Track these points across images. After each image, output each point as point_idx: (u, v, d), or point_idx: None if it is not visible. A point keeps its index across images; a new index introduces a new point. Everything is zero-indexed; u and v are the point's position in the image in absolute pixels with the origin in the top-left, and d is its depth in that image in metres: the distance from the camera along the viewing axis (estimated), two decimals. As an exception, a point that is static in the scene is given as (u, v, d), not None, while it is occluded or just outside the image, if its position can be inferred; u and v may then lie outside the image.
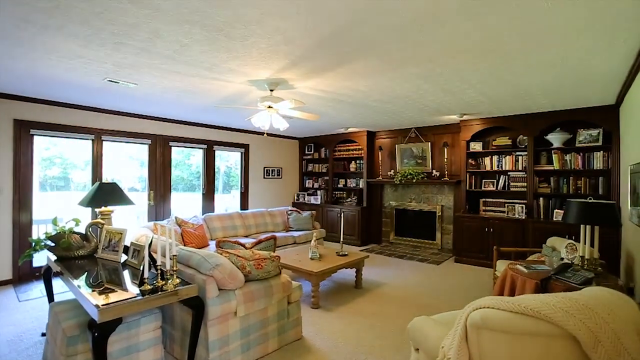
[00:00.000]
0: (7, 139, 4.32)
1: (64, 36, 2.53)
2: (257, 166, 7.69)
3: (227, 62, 3.05)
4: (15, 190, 4.37)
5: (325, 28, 2.36)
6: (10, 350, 2.69)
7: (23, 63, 3.16)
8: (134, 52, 2.85)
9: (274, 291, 2.55)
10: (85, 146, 5.10)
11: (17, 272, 4.39)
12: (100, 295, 1.97)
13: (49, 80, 3.70)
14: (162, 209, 5.87)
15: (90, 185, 5.12)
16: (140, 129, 5.60)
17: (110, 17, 2.22)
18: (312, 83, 3.74)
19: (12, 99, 4.33)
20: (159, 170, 5.85)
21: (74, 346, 2.03)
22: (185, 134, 6.25)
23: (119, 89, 3.99)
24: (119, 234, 2.68)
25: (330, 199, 7.94)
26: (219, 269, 2.20)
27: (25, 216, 4.44)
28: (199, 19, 2.23)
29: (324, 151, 8.28)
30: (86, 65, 3.19)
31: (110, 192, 3.06)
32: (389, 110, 5.15)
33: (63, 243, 2.64)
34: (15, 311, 3.48)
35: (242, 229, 5.46)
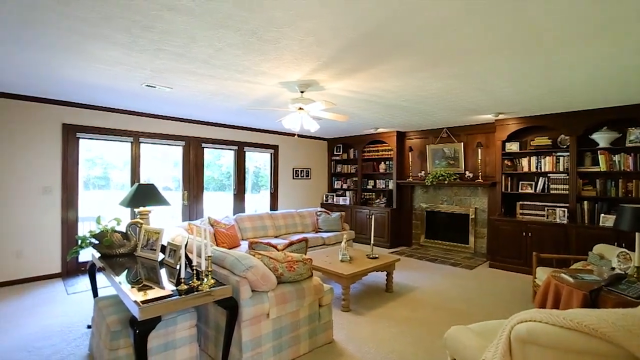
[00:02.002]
0: (57, 142, 4.62)
1: (107, 44, 2.66)
2: (287, 167, 7.76)
3: (259, 64, 3.09)
4: (64, 189, 4.67)
5: (358, 29, 2.33)
6: (60, 340, 2.86)
7: (71, 71, 3.35)
8: (171, 57, 2.94)
9: (306, 294, 2.55)
10: (124, 148, 5.36)
11: (66, 267, 4.69)
12: (139, 292, 2.06)
13: (94, 87, 3.91)
14: (195, 208, 6.05)
15: (128, 184, 5.37)
16: (175, 131, 5.80)
17: (150, 24, 2.30)
18: (342, 84, 3.72)
19: (61, 104, 4.62)
20: (192, 171, 6.04)
21: (117, 340, 2.12)
22: (217, 136, 6.41)
23: (155, 93, 4.15)
24: (156, 234, 2.78)
25: (359, 200, 7.88)
26: (252, 271, 2.23)
27: (72, 214, 4.73)
28: (232, 23, 2.27)
29: (352, 152, 8.22)
30: (127, 71, 3.33)
31: (148, 193, 3.19)
32: (420, 110, 5.03)
33: (106, 241, 2.78)
34: (64, 303, 3.71)
35: (272, 230, 5.52)
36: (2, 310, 3.51)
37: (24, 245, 4.38)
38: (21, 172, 4.37)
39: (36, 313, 3.44)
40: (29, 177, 4.41)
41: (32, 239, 4.44)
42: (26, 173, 4.40)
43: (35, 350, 2.71)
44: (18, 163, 4.34)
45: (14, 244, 4.32)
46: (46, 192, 4.53)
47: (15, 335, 2.97)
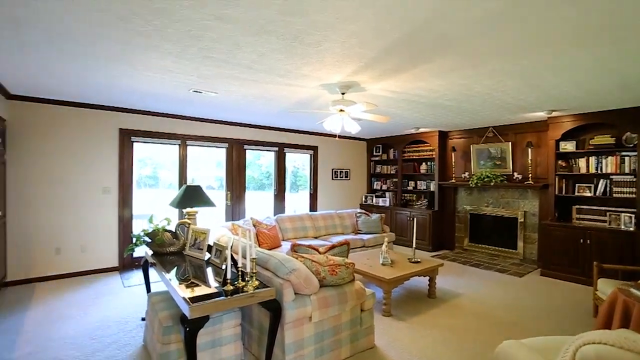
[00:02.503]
0: (114, 145, 4.99)
1: (159, 54, 2.81)
2: (326, 168, 7.78)
3: (300, 68, 3.12)
4: (120, 189, 5.03)
5: (401, 28, 2.27)
6: (118, 331, 3.09)
7: (127, 80, 3.59)
8: (216, 64, 3.05)
9: (348, 298, 2.53)
10: (172, 149, 5.67)
11: (122, 261, 5.06)
12: (187, 289, 2.16)
13: (146, 94, 4.17)
14: (238, 208, 6.25)
15: (175, 183, 5.68)
16: (219, 133, 6.03)
17: (198, 34, 2.40)
18: (383, 85, 3.65)
19: (117, 111, 4.98)
20: (235, 172, 6.25)
21: (169, 335, 2.24)
22: (258, 137, 6.57)
23: (201, 98, 4.34)
24: (203, 234, 2.90)
25: (399, 201, 7.72)
26: (295, 274, 2.25)
27: (127, 212, 5.09)
28: (275, 28, 2.30)
29: (392, 152, 8.07)
30: (176, 78, 3.51)
31: (195, 194, 3.34)
32: (464, 109, 4.81)
33: (157, 240, 2.94)
34: (121, 295, 3.99)
35: (312, 231, 5.56)
36: (71, 299, 3.86)
37: (87, 240, 4.79)
38: (85, 174, 4.77)
39: (98, 303, 3.74)
40: (91, 179, 4.81)
41: (94, 235, 4.83)
42: (89, 175, 4.80)
43: (98, 338, 2.94)
44: (82, 166, 4.75)
45: (79, 239, 4.73)
46: (106, 192, 4.92)
47: (82, 323, 3.24)
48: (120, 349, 2.77)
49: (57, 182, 4.58)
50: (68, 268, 4.66)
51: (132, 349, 2.77)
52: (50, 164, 4.54)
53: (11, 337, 2.96)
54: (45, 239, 4.51)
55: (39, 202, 4.47)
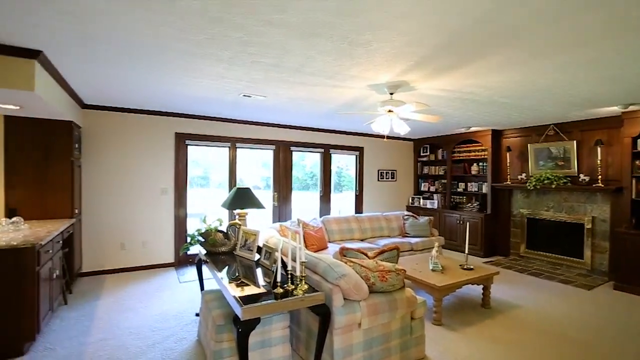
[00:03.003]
0: (170, 148, 5.31)
1: (212, 61, 2.93)
2: (372, 169, 7.67)
3: (349, 69, 3.08)
4: (176, 190, 5.35)
5: (459, 22, 2.14)
6: (175, 324, 3.27)
7: (182, 87, 3.79)
8: (266, 68, 3.11)
9: (398, 305, 2.45)
10: (221, 151, 5.92)
11: (178, 258, 5.38)
12: (237, 288, 2.23)
13: (199, 99, 4.38)
14: (285, 209, 6.37)
15: (225, 183, 5.93)
16: (267, 136, 6.19)
17: (249, 40, 2.45)
18: (434, 83, 3.50)
19: (173, 116, 5.30)
20: (282, 174, 6.37)
21: (221, 334, 2.32)
22: (305, 139, 6.64)
23: (250, 102, 4.46)
24: (253, 235, 2.97)
25: (448, 203, 7.38)
26: (344, 279, 2.22)
27: (182, 211, 5.40)
28: (325, 30, 2.29)
29: (441, 153, 7.74)
30: (227, 84, 3.64)
31: (246, 196, 3.44)
32: (523, 106, 4.46)
33: (210, 240, 3.07)
34: (177, 291, 4.24)
35: (358, 233, 5.50)
36: (134, 291, 4.17)
37: (147, 237, 5.15)
38: (146, 176, 5.14)
39: (157, 297, 3.99)
40: (151, 180, 5.17)
41: (153, 232, 5.19)
42: (149, 176, 5.16)
43: (157, 330, 3.14)
44: (143, 168, 5.12)
45: (140, 236, 5.11)
46: (163, 193, 5.26)
47: (144, 315, 3.49)
48: (177, 342, 2.92)
49: (122, 183, 4.98)
50: (131, 262, 5.05)
51: (188, 343, 2.91)
52: (117, 166, 4.94)
53: (87, 323, 3.26)
54: (112, 235, 4.93)
55: (107, 202, 4.89)
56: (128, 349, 2.81)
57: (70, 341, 2.92)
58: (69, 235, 4.01)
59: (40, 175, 4.00)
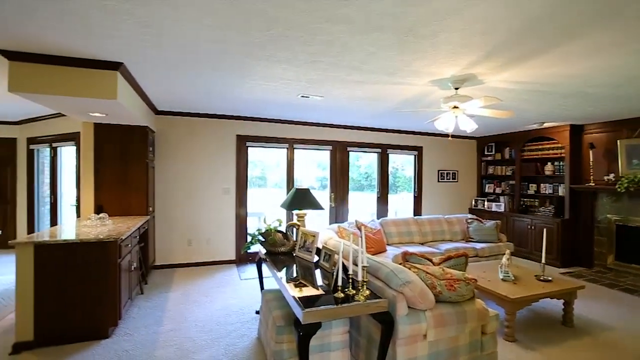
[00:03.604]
0: (232, 150, 5.56)
1: (272, 63, 2.97)
2: (431, 169, 7.32)
3: (411, 64, 2.92)
4: (237, 190, 5.59)
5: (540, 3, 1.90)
6: (237, 321, 3.39)
7: (242, 90, 3.92)
8: (324, 67, 3.08)
9: (468, 318, 2.25)
10: (278, 152, 6.06)
11: (239, 255, 5.61)
12: (296, 288, 2.23)
13: (258, 102, 4.50)
14: (341, 210, 6.32)
15: (281, 183, 6.07)
16: (323, 136, 6.20)
17: (309, 39, 2.43)
18: (506, 75, 3.19)
19: (234, 119, 5.53)
20: (338, 174, 6.33)
21: (281, 335, 2.32)
22: (361, 139, 6.53)
23: (308, 102, 4.48)
24: (312, 236, 2.96)
25: (516, 207, 6.76)
26: (409, 287, 2.09)
27: (242, 210, 5.62)
28: (388, 23, 2.17)
29: (508, 151, 7.12)
30: (285, 85, 3.68)
31: (304, 197, 3.44)
32: (612, 96, 3.89)
33: (270, 240, 3.12)
34: (238, 287, 4.40)
35: (418, 236, 5.25)
36: (200, 285, 4.42)
37: (211, 235, 5.45)
38: (209, 176, 5.43)
39: (220, 292, 4.18)
40: (214, 180, 5.46)
41: (216, 230, 5.47)
42: (213, 177, 5.45)
43: (221, 325, 3.27)
44: (207, 169, 5.42)
45: (205, 233, 5.42)
46: (225, 193, 5.52)
47: (209, 309, 3.67)
48: (239, 338, 3.01)
49: (189, 183, 5.32)
50: (196, 258, 5.37)
51: (249, 340, 2.98)
52: (184, 167, 5.29)
53: (159, 314, 3.51)
54: (180, 231, 5.29)
55: (176, 200, 5.26)
56: (195, 341, 2.95)
57: (146, 329, 3.16)
58: (145, 231, 4.36)
59: (121, 176, 4.41)
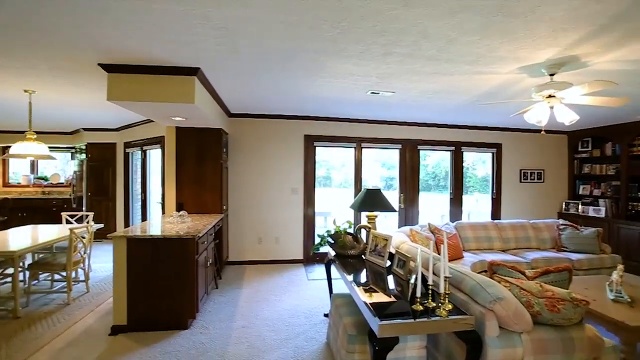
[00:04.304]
0: (300, 150, 5.61)
1: (342, 59, 2.86)
2: (512, 168, 6.59)
3: (497, 49, 2.58)
4: (305, 190, 5.62)
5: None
6: (305, 322, 3.36)
7: (311, 89, 3.89)
8: (398, 60, 2.88)
9: (576, 347, 1.88)
10: (343, 151, 5.96)
11: (306, 255, 5.64)
12: (368, 295, 2.09)
13: (326, 101, 4.44)
14: (411, 212, 6.00)
15: (345, 182, 5.97)
16: (392, 134, 5.94)
17: (382, 28, 2.26)
18: (619, 54, 2.66)
19: (302, 119, 5.57)
20: (408, 174, 6.02)
21: (353, 344, 2.20)
22: (432, 137, 6.13)
23: (377, 99, 4.30)
24: (384, 240, 2.78)
25: (622, 212, 5.73)
26: (501, 304, 1.81)
27: (310, 210, 5.64)
28: (474, 2, 1.91)
29: (610, 147, 6.08)
30: (355, 82, 3.55)
31: (376, 198, 3.27)
32: None
33: (340, 242, 3.01)
34: (306, 288, 4.39)
35: (499, 242, 4.73)
36: (269, 283, 4.51)
37: (280, 233, 5.56)
38: (278, 176, 5.55)
39: (288, 292, 4.21)
40: (283, 180, 5.56)
41: (284, 229, 5.57)
42: (282, 177, 5.56)
43: (290, 326, 3.26)
44: (276, 169, 5.54)
45: (274, 232, 5.55)
46: (294, 192, 5.59)
47: (278, 308, 3.70)
48: (307, 341, 2.96)
49: (259, 183, 5.49)
50: (266, 255, 5.52)
51: (317, 344, 2.92)
52: (255, 167, 5.47)
53: (232, 309, 3.64)
54: (251, 230, 5.48)
55: (247, 199, 5.47)
56: (265, 340, 2.98)
57: (220, 323, 3.28)
58: (219, 228, 4.59)
59: (198, 176, 4.71)
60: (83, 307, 3.68)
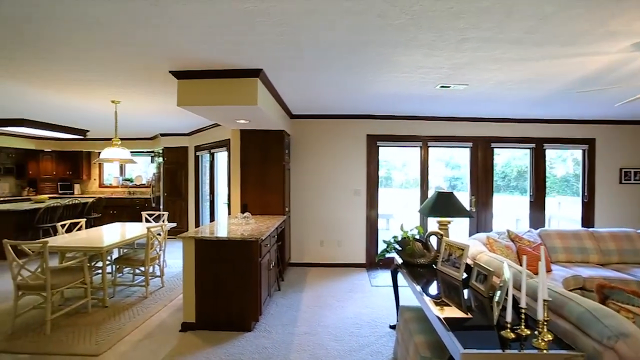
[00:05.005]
0: (362, 151, 5.41)
1: (411, 49, 2.61)
2: (609, 167, 5.64)
3: (606, 23, 2.13)
4: (367, 191, 5.41)
5: None
6: (370, 333, 3.16)
7: (375, 86, 3.68)
8: (474, 46, 2.55)
9: None
10: (404, 151, 5.64)
11: (369, 259, 5.43)
12: (442, 311, 1.88)
13: (391, 97, 4.19)
14: (484, 216, 5.45)
15: (406, 183, 5.61)
16: (462, 132, 5.45)
17: (459, 9, 1.98)
18: None
19: (365, 118, 5.37)
20: (480, 175, 5.48)
21: (427, 368, 1.95)
22: (509, 133, 5.50)
23: (447, 94, 3.94)
24: (460, 250, 2.47)
25: None
26: (627, 343, 1.42)
27: (373, 212, 5.42)
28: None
29: None
30: (423, 75, 3.26)
31: (448, 202, 2.96)
32: None
33: (408, 249, 2.77)
34: (369, 294, 4.19)
35: (596, 255, 4.03)
36: (331, 288, 4.40)
37: (342, 236, 5.43)
38: (340, 177, 5.42)
39: (351, 298, 4.05)
40: (345, 181, 5.42)
41: (346, 232, 5.42)
42: (344, 178, 5.42)
43: (353, 337, 3.09)
44: (338, 170, 5.42)
45: (336, 235, 5.43)
46: (356, 194, 5.42)
47: (340, 315, 3.56)
48: (373, 355, 2.76)
49: (320, 184, 5.41)
50: (327, 258, 5.42)
51: (383, 358, 2.70)
52: (316, 169, 5.41)
53: (294, 314, 3.58)
54: (313, 232, 5.43)
55: (309, 201, 5.42)
56: (328, 351, 2.84)
57: (282, 328, 3.24)
58: (282, 230, 4.59)
59: (261, 177, 4.78)
60: (158, 301, 3.92)
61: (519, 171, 9.49)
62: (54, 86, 3.67)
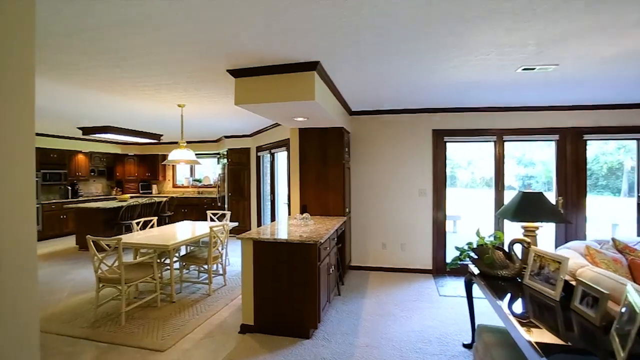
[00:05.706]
0: (428, 147, 4.98)
1: (490, 22, 2.21)
2: None
3: None
4: (434, 191, 4.97)
5: None
6: (439, 351, 2.80)
7: (441, 75, 3.30)
8: (575, 15, 2.09)
9: None
10: (469, 147, 5.06)
11: (435, 265, 4.98)
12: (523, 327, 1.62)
13: (461, 86, 3.74)
14: (575, 221, 4.66)
15: (470, 182, 5.02)
16: (546, 123, 4.73)
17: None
18: None
19: (429, 111, 4.93)
20: (569, 171, 4.70)
21: (517, 408, 1.61)
22: (605, 122, 4.63)
23: (530, 78, 3.39)
24: (556, 263, 2.03)
25: None
26: None
27: (440, 214, 4.95)
28: None
29: None
30: (502, 56, 2.81)
31: (537, 204, 2.49)
32: None
33: (486, 259, 2.38)
34: (437, 305, 3.79)
35: None
36: (394, 295, 4.09)
37: (405, 240, 5.05)
38: (403, 177, 5.05)
39: (416, 307, 3.70)
40: (408, 181, 5.03)
41: (410, 235, 5.03)
42: (407, 177, 5.04)
43: (420, 353, 2.76)
44: (401, 168, 5.05)
45: (399, 238, 5.07)
46: (421, 194, 4.99)
47: (405, 327, 3.25)
48: (444, 377, 2.43)
49: (382, 184, 5.10)
50: (390, 262, 5.09)
51: (458, 383, 2.36)
52: (377, 167, 5.11)
53: (354, 321, 3.36)
54: (375, 234, 5.14)
55: (370, 202, 5.15)
56: (392, 367, 2.57)
57: (342, 337, 3.04)
58: (342, 232, 4.40)
59: (320, 177, 4.63)
60: (220, 299, 3.99)
61: (610, 167, 8.12)
62: (129, 92, 3.93)
